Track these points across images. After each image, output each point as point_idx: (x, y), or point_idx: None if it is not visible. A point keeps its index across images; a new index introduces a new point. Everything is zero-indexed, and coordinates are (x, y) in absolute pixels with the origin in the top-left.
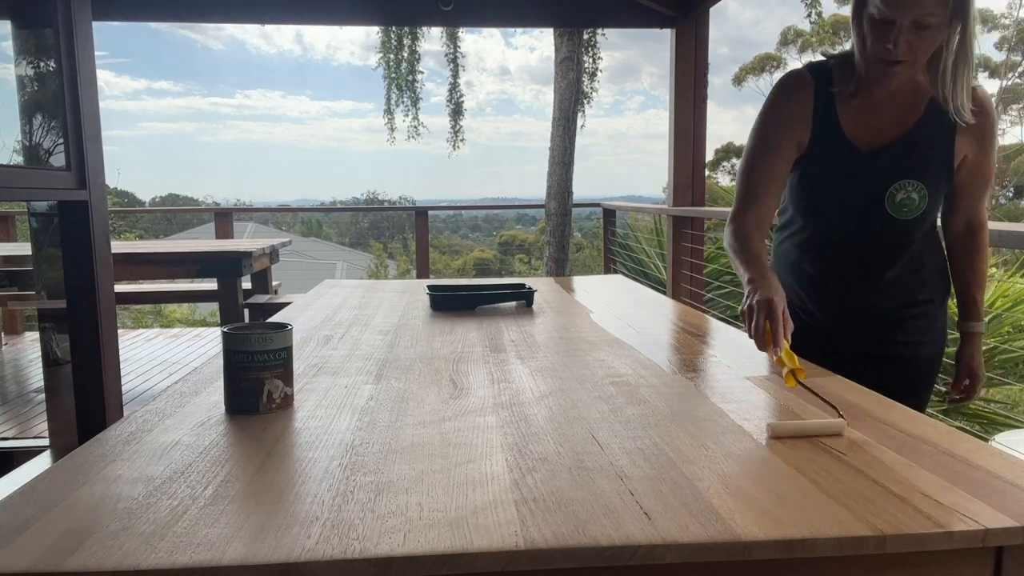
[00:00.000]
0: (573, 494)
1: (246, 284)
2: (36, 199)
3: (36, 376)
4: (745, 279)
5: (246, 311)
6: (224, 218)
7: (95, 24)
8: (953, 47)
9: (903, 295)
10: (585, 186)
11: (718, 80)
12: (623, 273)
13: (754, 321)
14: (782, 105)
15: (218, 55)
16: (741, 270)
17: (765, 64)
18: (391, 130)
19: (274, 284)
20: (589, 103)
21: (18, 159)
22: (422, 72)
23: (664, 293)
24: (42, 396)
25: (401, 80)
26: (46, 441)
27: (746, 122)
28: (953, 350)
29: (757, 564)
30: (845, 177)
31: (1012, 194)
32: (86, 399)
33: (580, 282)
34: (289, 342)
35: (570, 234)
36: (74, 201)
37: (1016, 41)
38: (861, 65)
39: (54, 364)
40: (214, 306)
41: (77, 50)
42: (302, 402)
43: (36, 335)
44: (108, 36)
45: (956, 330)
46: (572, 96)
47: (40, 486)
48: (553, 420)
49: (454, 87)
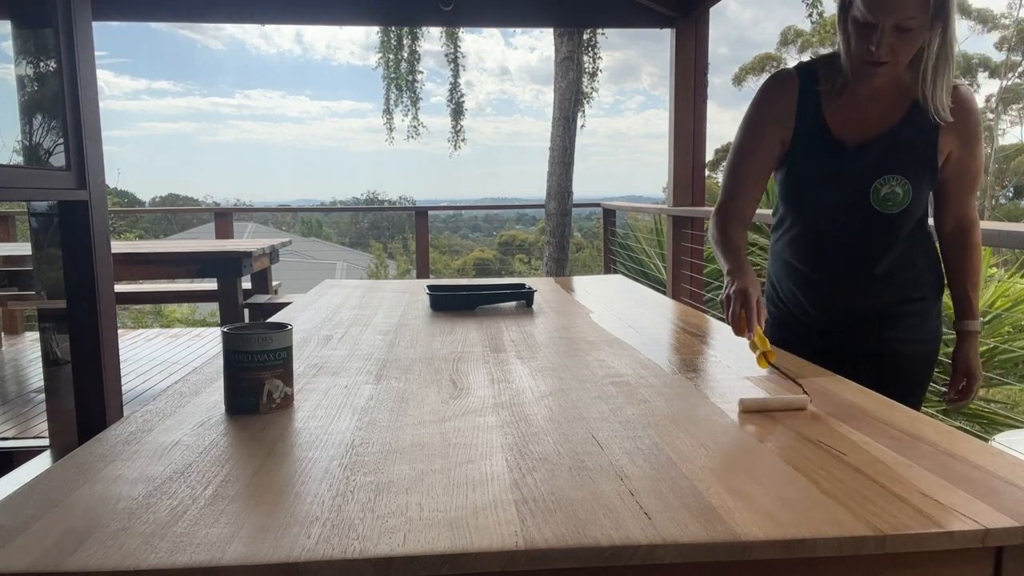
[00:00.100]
0: (573, 494)
1: (246, 284)
2: (36, 199)
3: (36, 376)
4: (725, 270)
5: (246, 311)
6: (224, 218)
7: (95, 24)
8: (934, 48)
9: (895, 292)
10: (585, 186)
11: (718, 80)
12: (623, 273)
13: (731, 309)
14: (767, 103)
15: (218, 55)
16: (722, 261)
17: (765, 64)
18: (390, 130)
19: (274, 284)
20: (589, 103)
21: (18, 159)
22: (422, 72)
23: (664, 293)
24: (42, 396)
25: (401, 80)
26: (46, 441)
27: None
28: (951, 351)
29: (757, 564)
30: (831, 172)
31: (1012, 194)
32: (86, 399)
33: (580, 282)
34: (289, 342)
35: (570, 234)
36: (74, 201)
37: (1016, 41)
38: (846, 65)
39: (54, 364)
40: (214, 306)
41: (77, 50)
42: (302, 402)
43: (36, 335)
44: (108, 36)
45: (953, 329)
46: (572, 96)
47: (40, 486)
48: (553, 420)
49: (455, 87)
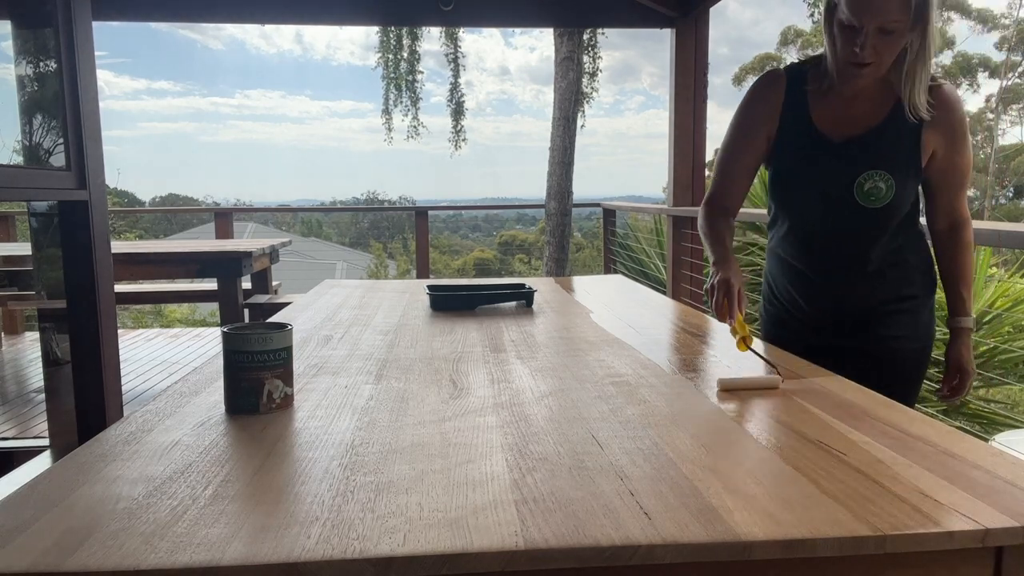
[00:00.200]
0: (573, 494)
1: (246, 284)
2: (36, 199)
3: (36, 376)
4: (711, 261)
5: (246, 311)
6: (224, 218)
7: (95, 24)
8: (914, 49)
9: (886, 290)
10: (585, 186)
11: (718, 80)
12: (623, 273)
13: (715, 298)
14: (754, 101)
15: (218, 55)
16: (709, 252)
17: (765, 64)
18: (388, 130)
19: (274, 284)
20: (589, 103)
21: (18, 159)
22: (422, 72)
23: (664, 293)
24: (42, 396)
25: (401, 80)
26: (46, 441)
27: None
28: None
29: (757, 564)
30: (817, 167)
31: (1012, 194)
32: (86, 399)
33: (580, 282)
34: (289, 342)
35: (570, 234)
36: (74, 201)
37: (1016, 41)
38: (832, 66)
39: (54, 364)
40: (214, 306)
41: (77, 50)
42: (302, 402)
43: (36, 335)
44: (108, 36)
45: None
46: (572, 96)
47: (40, 486)
48: (553, 420)
49: (455, 87)
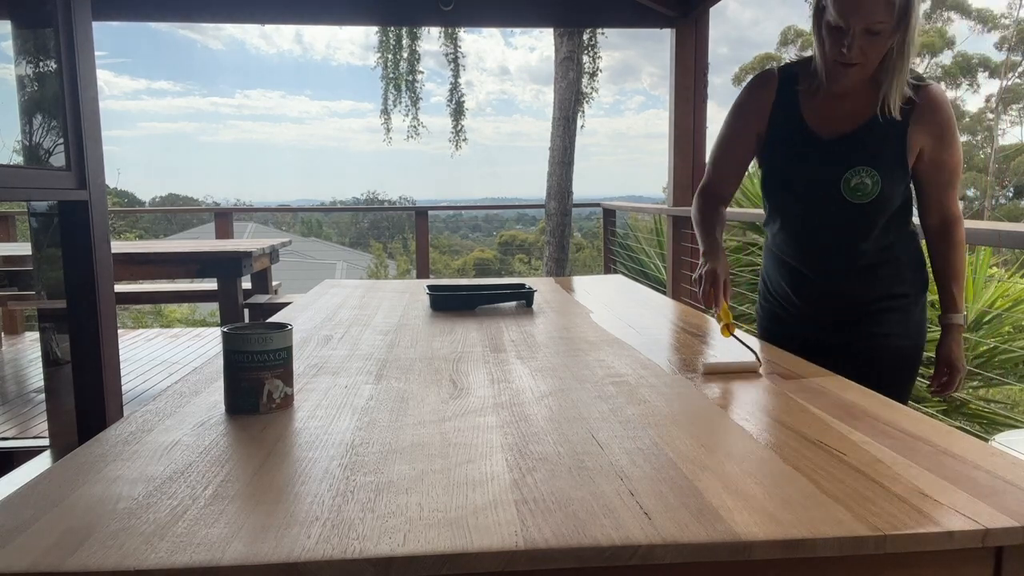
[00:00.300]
0: (573, 494)
1: (246, 284)
2: (36, 199)
3: (36, 376)
4: (701, 251)
5: (246, 311)
6: (224, 218)
7: (95, 24)
8: (896, 49)
9: (878, 287)
10: (585, 186)
11: (718, 80)
12: (623, 273)
13: (702, 287)
14: (746, 100)
15: (218, 55)
16: (699, 241)
17: (765, 64)
18: (387, 130)
19: (274, 284)
20: (589, 103)
21: (18, 159)
22: (422, 72)
23: (664, 293)
24: (42, 396)
25: (400, 80)
26: (46, 441)
27: None
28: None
29: (757, 564)
30: (807, 164)
31: (1012, 194)
32: (86, 399)
33: (580, 282)
34: (289, 342)
35: (570, 234)
36: (74, 201)
37: (1016, 41)
38: (820, 66)
39: (54, 364)
40: (214, 306)
41: (77, 50)
42: (302, 402)
43: (36, 335)
44: (108, 36)
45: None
46: (572, 96)
47: (40, 486)
48: (553, 420)
49: (455, 87)
